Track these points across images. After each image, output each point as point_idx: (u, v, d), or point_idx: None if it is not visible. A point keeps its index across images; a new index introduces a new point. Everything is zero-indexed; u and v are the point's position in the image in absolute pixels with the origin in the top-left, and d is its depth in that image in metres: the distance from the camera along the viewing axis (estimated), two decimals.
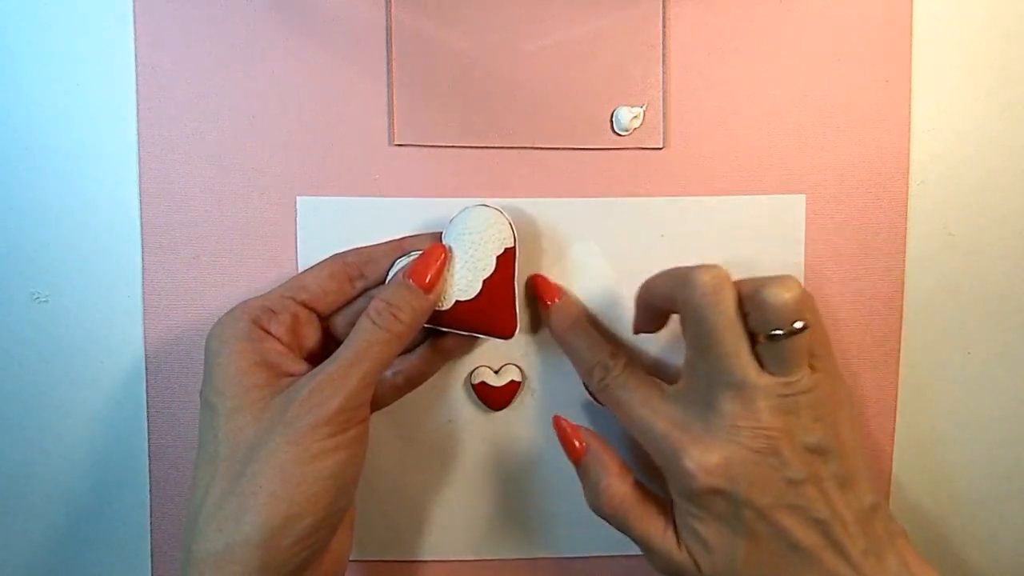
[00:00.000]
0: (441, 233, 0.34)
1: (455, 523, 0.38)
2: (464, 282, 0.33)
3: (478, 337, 0.34)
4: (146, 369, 0.37)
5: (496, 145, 0.36)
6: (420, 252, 0.33)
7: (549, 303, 0.35)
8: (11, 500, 0.37)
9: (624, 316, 0.37)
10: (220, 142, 0.36)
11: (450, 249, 0.33)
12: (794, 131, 0.37)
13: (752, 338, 0.29)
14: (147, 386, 0.37)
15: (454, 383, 0.37)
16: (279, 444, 0.28)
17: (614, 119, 0.36)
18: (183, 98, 0.36)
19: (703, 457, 0.29)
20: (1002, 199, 0.37)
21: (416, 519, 0.38)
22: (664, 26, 0.36)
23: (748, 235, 0.37)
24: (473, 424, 0.38)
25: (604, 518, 0.32)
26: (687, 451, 0.29)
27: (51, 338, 0.37)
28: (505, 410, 0.37)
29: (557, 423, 0.34)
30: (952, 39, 0.37)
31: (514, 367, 0.37)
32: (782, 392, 0.29)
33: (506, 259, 0.33)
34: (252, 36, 0.36)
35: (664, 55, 0.36)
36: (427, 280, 0.31)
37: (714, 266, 0.30)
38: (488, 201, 0.35)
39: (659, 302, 0.33)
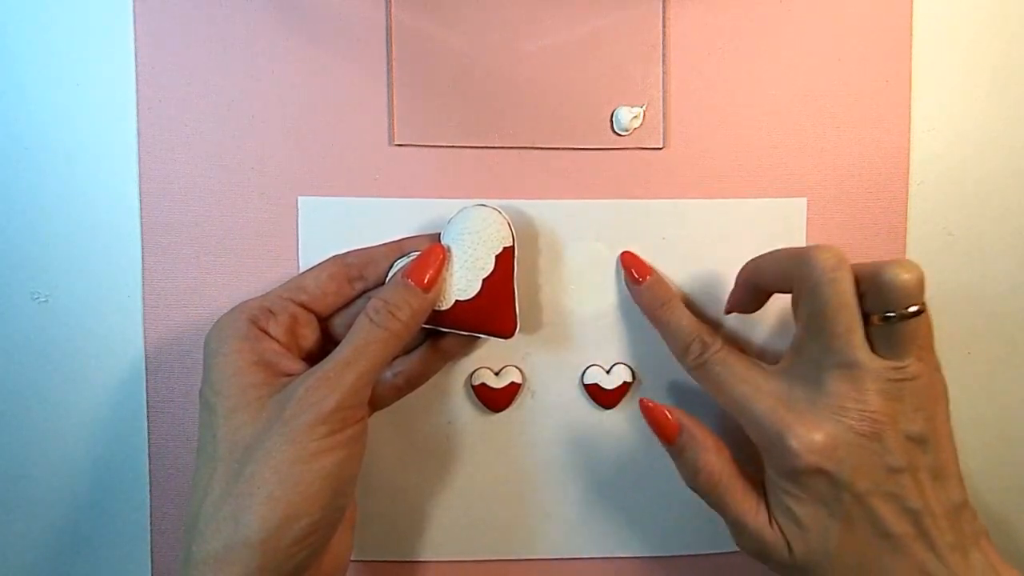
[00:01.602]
0: (440, 234, 0.34)
1: (455, 524, 0.38)
2: (464, 282, 0.33)
3: (478, 337, 0.34)
4: (146, 369, 0.37)
5: (496, 145, 0.36)
6: (419, 252, 0.33)
7: (641, 280, 0.35)
8: (11, 500, 0.37)
9: (628, 318, 0.37)
10: (220, 142, 0.36)
11: (449, 249, 0.33)
12: (794, 131, 0.37)
13: (866, 319, 0.29)
14: (147, 386, 0.37)
15: (454, 384, 0.37)
16: (276, 444, 0.28)
17: (614, 119, 0.36)
18: (183, 98, 0.36)
19: (809, 435, 0.29)
20: (1002, 199, 0.37)
21: (416, 520, 0.38)
22: (664, 26, 0.36)
23: (750, 238, 0.37)
24: (473, 425, 0.38)
25: (701, 495, 0.32)
26: (792, 429, 0.29)
27: (51, 338, 0.36)
28: (505, 411, 0.37)
29: (646, 405, 0.33)
30: (952, 39, 0.37)
31: (514, 369, 0.37)
32: (891, 377, 0.29)
33: (505, 258, 0.33)
34: (252, 36, 0.36)
35: (664, 55, 0.36)
36: (426, 280, 0.31)
37: (832, 246, 0.30)
38: (487, 201, 0.35)
39: (768, 280, 0.33)
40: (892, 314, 0.29)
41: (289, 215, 0.36)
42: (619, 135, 0.36)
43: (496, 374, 0.37)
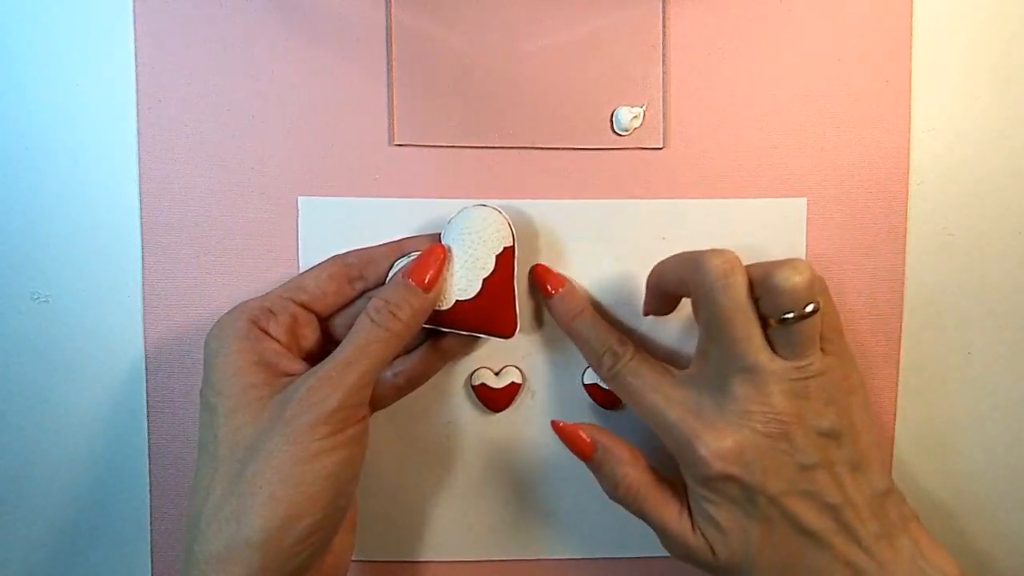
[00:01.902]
0: (440, 234, 0.34)
1: (455, 524, 0.38)
2: (464, 281, 0.33)
3: (478, 337, 0.34)
4: (146, 369, 0.37)
5: (496, 145, 0.36)
6: (420, 252, 0.33)
7: (552, 292, 0.35)
8: (11, 500, 0.37)
9: (626, 317, 0.37)
10: (220, 142, 0.36)
11: (450, 249, 0.33)
12: (794, 131, 0.37)
13: (763, 322, 0.29)
14: (147, 386, 0.37)
15: (454, 384, 0.37)
16: (278, 444, 0.28)
17: (614, 119, 0.36)
18: (183, 98, 0.36)
19: (716, 443, 0.29)
20: (1002, 199, 0.37)
21: (416, 520, 0.38)
22: (664, 26, 0.36)
23: (750, 238, 0.37)
24: (473, 425, 0.38)
25: (622, 505, 0.33)
26: (700, 438, 0.30)
27: (51, 338, 0.36)
28: (505, 412, 0.37)
29: (558, 427, 0.34)
30: (952, 39, 0.37)
31: (514, 369, 0.37)
32: (794, 376, 0.29)
33: (505, 258, 0.33)
34: (252, 36, 0.36)
35: (664, 55, 0.36)
36: (426, 279, 0.31)
37: (725, 250, 0.30)
38: (487, 201, 0.35)
39: (670, 286, 0.33)
40: (789, 315, 0.29)
41: (289, 215, 0.36)
42: (619, 135, 0.36)
43: (496, 374, 0.37)
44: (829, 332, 0.31)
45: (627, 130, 0.36)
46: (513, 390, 0.37)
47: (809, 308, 0.29)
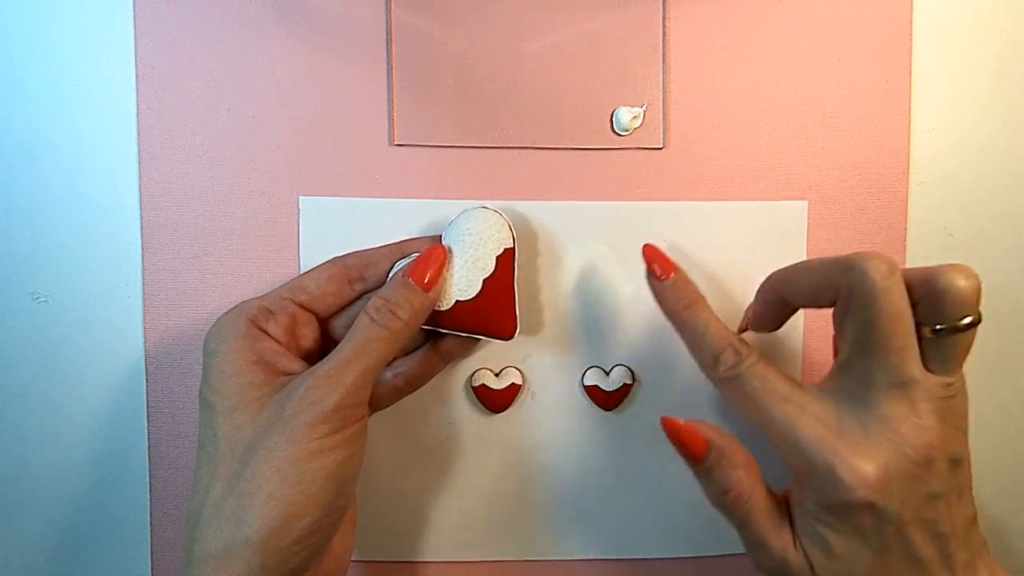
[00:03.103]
0: (441, 236, 0.34)
1: (455, 524, 0.38)
2: (464, 282, 0.33)
3: (478, 339, 0.34)
4: (146, 369, 0.37)
5: (496, 145, 0.36)
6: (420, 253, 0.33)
7: (663, 277, 0.32)
8: (11, 500, 0.37)
9: (628, 320, 0.37)
10: (220, 142, 0.36)
11: (450, 249, 0.33)
12: (794, 131, 0.37)
13: (916, 331, 0.27)
14: (147, 386, 0.37)
15: (454, 385, 0.37)
16: (277, 443, 0.28)
17: (614, 119, 0.36)
18: (183, 98, 0.36)
19: (862, 467, 0.26)
20: (1002, 199, 0.37)
21: (416, 520, 0.38)
22: (664, 26, 0.36)
23: (751, 240, 0.37)
24: (473, 426, 0.38)
25: (726, 513, 0.30)
26: (844, 459, 0.27)
27: (51, 338, 0.36)
28: (505, 412, 0.37)
29: (669, 424, 0.30)
30: (952, 39, 0.37)
31: (515, 370, 0.37)
32: (942, 394, 0.27)
33: (506, 260, 0.33)
34: (252, 36, 0.36)
35: (664, 55, 0.36)
36: (426, 279, 0.31)
37: (881, 253, 0.27)
38: (488, 202, 0.35)
39: (801, 293, 0.30)
40: (943, 326, 0.26)
41: (289, 215, 0.36)
42: (619, 135, 0.36)
43: (496, 375, 0.37)
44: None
45: (627, 130, 0.36)
46: (513, 391, 0.37)
47: (968, 319, 0.26)
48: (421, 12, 0.36)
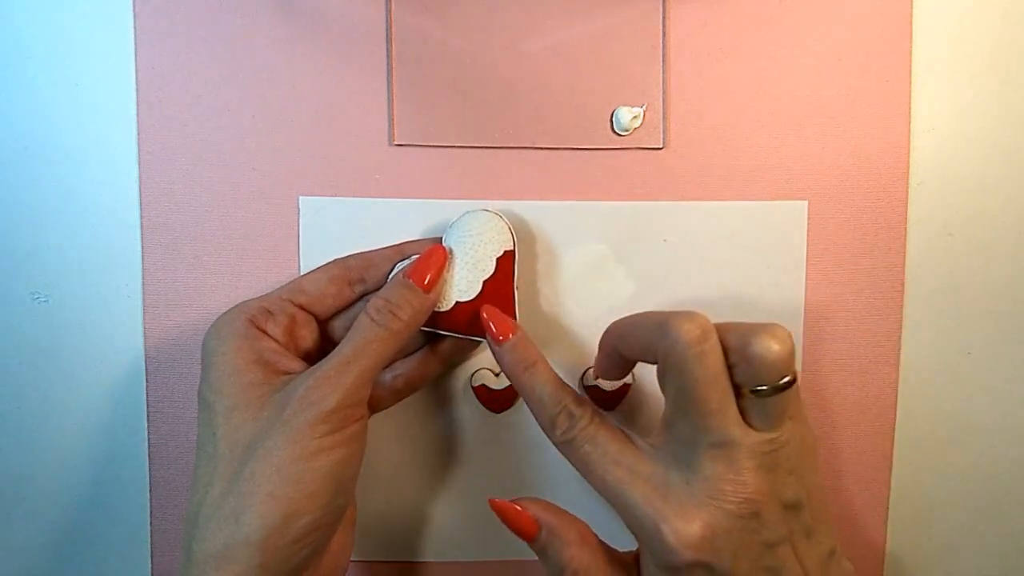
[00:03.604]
0: (441, 238, 0.34)
1: (455, 524, 0.38)
2: (464, 283, 0.33)
3: (478, 342, 0.34)
4: (146, 369, 0.37)
5: (496, 145, 0.36)
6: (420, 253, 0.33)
7: (502, 339, 0.32)
8: (11, 500, 0.37)
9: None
10: (220, 142, 0.36)
11: (450, 251, 0.33)
12: (794, 131, 0.37)
13: (736, 391, 0.27)
14: (147, 386, 0.37)
15: (455, 386, 0.37)
16: (277, 442, 0.28)
17: (614, 119, 0.36)
18: (183, 98, 0.36)
19: (685, 528, 0.27)
20: (1002, 199, 0.37)
21: (416, 520, 0.38)
22: (664, 26, 0.36)
23: (751, 240, 0.37)
24: (473, 426, 0.38)
25: None
26: (668, 521, 0.27)
27: (51, 338, 0.36)
28: (505, 413, 0.37)
29: (497, 506, 0.30)
30: (952, 39, 0.37)
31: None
32: (766, 449, 0.27)
33: (505, 261, 0.33)
34: (252, 36, 0.36)
35: (664, 55, 0.36)
36: (427, 280, 0.31)
37: (695, 313, 0.28)
38: (488, 203, 0.35)
39: (630, 350, 0.30)
40: (764, 387, 0.27)
41: (289, 215, 0.36)
42: (619, 135, 0.36)
43: (497, 375, 0.37)
44: (795, 402, 0.28)
45: (627, 130, 0.36)
46: (513, 392, 0.37)
47: (786, 380, 0.27)
48: (421, 12, 0.36)
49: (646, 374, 0.37)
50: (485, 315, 0.32)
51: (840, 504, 0.38)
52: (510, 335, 0.32)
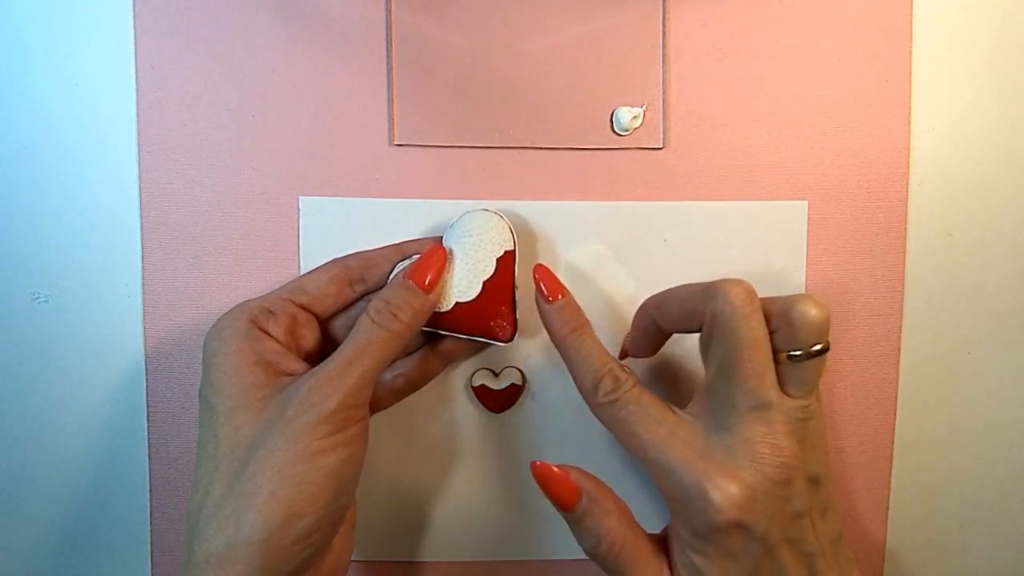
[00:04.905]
0: (442, 237, 0.34)
1: (455, 524, 0.38)
2: (464, 283, 0.33)
3: (478, 341, 0.34)
4: (146, 369, 0.37)
5: (496, 145, 0.36)
6: (421, 254, 0.33)
7: (551, 300, 0.32)
8: (11, 500, 0.37)
9: (628, 320, 0.37)
10: (220, 142, 0.36)
11: (451, 251, 0.33)
12: (794, 131, 0.37)
13: (774, 357, 0.28)
14: (147, 386, 0.37)
15: (455, 386, 0.37)
16: (278, 443, 0.28)
17: (614, 119, 0.36)
18: (183, 98, 0.36)
19: (730, 487, 0.27)
20: (1002, 199, 0.37)
21: (416, 520, 0.38)
22: (664, 26, 0.36)
23: (751, 240, 0.37)
24: (473, 426, 0.38)
25: (603, 564, 0.30)
26: (713, 481, 0.27)
27: (51, 338, 0.36)
28: (505, 413, 0.37)
29: (537, 468, 0.30)
30: (952, 39, 0.37)
31: (515, 370, 0.37)
32: (798, 416, 0.28)
33: (506, 262, 0.33)
34: (252, 36, 0.36)
35: (664, 55, 0.36)
36: (427, 281, 0.31)
37: (741, 280, 0.29)
38: (488, 203, 0.35)
39: (672, 319, 0.31)
40: (798, 352, 0.28)
41: (289, 215, 0.36)
42: (619, 135, 0.36)
43: (496, 375, 0.37)
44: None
45: (627, 130, 0.36)
46: (513, 392, 0.37)
47: (819, 346, 0.28)
48: (421, 12, 0.36)
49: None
50: (537, 275, 0.33)
51: (840, 503, 0.38)
52: (559, 296, 0.32)
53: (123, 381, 0.37)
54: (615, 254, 0.37)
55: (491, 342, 0.34)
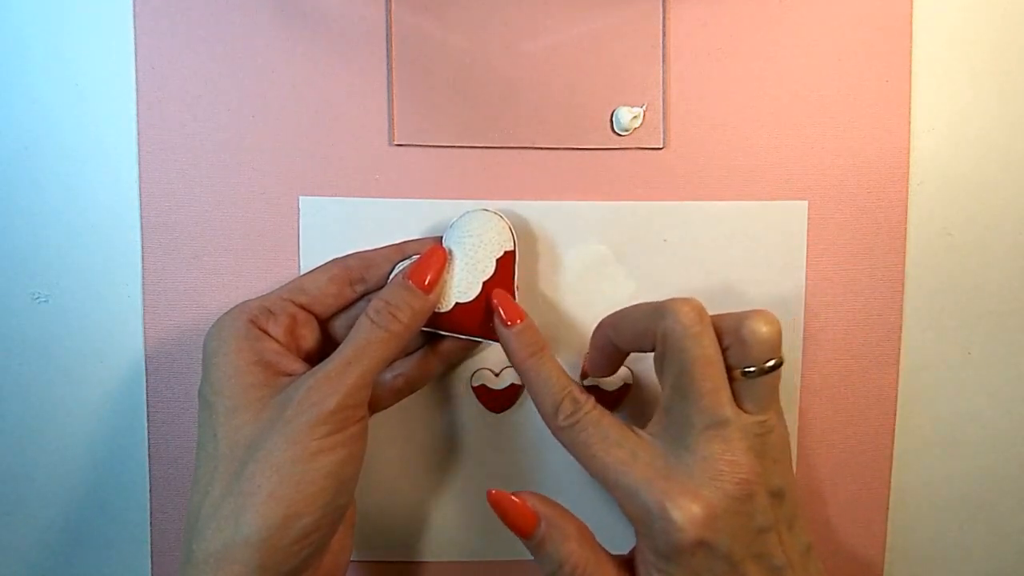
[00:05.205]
0: (441, 238, 0.34)
1: (455, 524, 0.38)
2: (464, 284, 0.33)
3: (478, 341, 0.34)
4: (146, 369, 0.37)
5: (496, 145, 0.36)
6: (420, 254, 0.33)
7: (510, 324, 0.32)
8: (11, 500, 0.37)
9: None
10: (220, 142, 0.36)
11: (450, 251, 0.33)
12: (794, 131, 0.37)
13: (728, 374, 0.29)
14: (147, 386, 0.37)
15: (455, 385, 0.37)
16: (277, 443, 0.28)
17: (614, 119, 0.36)
18: (183, 98, 0.36)
19: (691, 507, 0.27)
20: (1002, 199, 0.37)
21: (416, 520, 0.38)
22: (664, 26, 0.36)
23: (751, 240, 0.37)
24: (473, 426, 0.38)
25: None
26: (675, 501, 0.27)
27: (51, 338, 0.37)
28: (505, 413, 0.37)
29: (496, 499, 0.30)
30: (952, 39, 0.37)
31: (515, 370, 0.37)
32: (756, 432, 0.28)
33: (506, 262, 0.33)
34: (252, 36, 0.36)
35: (664, 55, 0.36)
36: (426, 281, 0.31)
37: (691, 298, 0.29)
38: (488, 203, 0.35)
39: (626, 339, 0.31)
40: (752, 368, 0.28)
41: (289, 215, 0.36)
42: (619, 135, 0.36)
43: (496, 375, 0.37)
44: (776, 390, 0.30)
45: (627, 130, 0.36)
46: (513, 391, 0.37)
47: (773, 362, 0.28)
48: (421, 12, 0.36)
49: (647, 373, 0.37)
50: (495, 300, 0.32)
51: (840, 504, 0.38)
52: (518, 321, 0.32)
53: (123, 381, 0.37)
54: (615, 254, 0.37)
55: (491, 342, 0.34)
